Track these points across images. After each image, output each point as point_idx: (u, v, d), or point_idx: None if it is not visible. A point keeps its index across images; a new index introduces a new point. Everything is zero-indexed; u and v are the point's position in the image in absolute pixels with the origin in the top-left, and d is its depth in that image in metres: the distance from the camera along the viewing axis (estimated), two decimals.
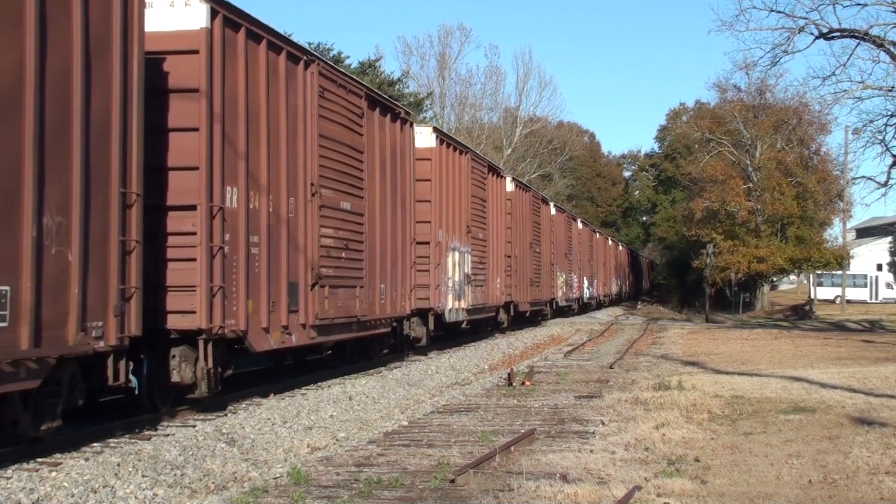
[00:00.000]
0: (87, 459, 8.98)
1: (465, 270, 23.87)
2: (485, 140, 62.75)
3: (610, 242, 65.55)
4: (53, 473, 8.37)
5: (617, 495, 7.66)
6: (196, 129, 11.51)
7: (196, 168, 11.49)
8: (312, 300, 14.35)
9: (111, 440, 10.15)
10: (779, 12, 48.01)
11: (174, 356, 11.45)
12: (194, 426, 11.06)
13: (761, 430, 11.10)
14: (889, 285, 72.09)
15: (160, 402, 11.64)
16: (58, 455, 9.30)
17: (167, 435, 10.46)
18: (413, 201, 19.76)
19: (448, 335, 25.76)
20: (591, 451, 9.85)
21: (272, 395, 13.80)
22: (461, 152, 24.20)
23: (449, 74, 65.93)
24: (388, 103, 18.60)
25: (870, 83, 36.11)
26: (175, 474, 8.66)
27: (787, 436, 10.73)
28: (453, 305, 22.72)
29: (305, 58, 14.37)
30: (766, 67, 53.42)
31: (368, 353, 18.63)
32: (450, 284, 22.38)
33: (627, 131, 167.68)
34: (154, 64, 11.10)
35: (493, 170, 28.41)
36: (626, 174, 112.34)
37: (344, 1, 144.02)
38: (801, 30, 35.59)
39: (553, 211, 39.74)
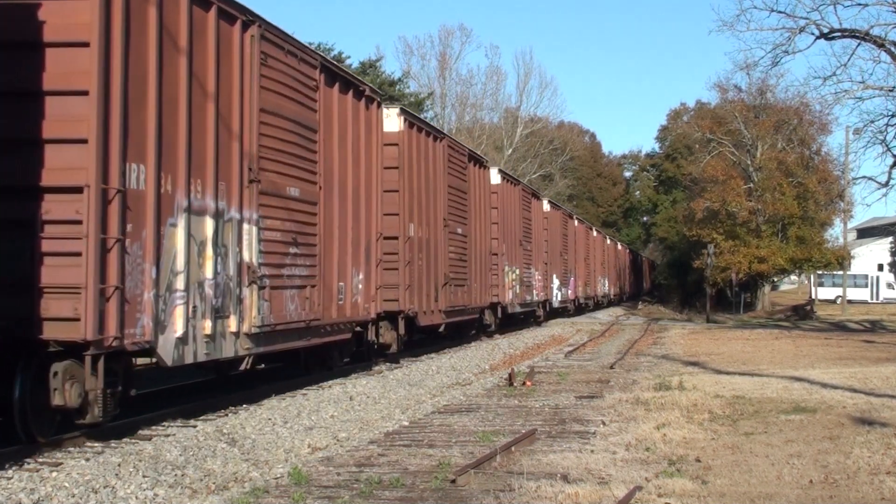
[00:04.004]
0: (87, 459, 8.98)
1: (245, 257, 12.25)
2: (485, 140, 62.77)
3: (595, 233, 56.12)
4: (54, 474, 8.37)
5: (618, 495, 7.66)
6: None
7: None
8: None
9: (112, 440, 10.15)
10: (779, 12, 48.07)
11: None
12: (195, 426, 11.06)
13: (762, 431, 11.10)
14: (890, 285, 72.14)
15: None
16: (58, 455, 9.30)
17: (168, 435, 10.46)
18: None
19: (227, 380, 14.70)
20: (592, 451, 9.85)
21: (273, 396, 13.79)
22: (226, 17, 11.87)
23: (449, 74, 66.02)
24: None
25: (870, 83, 36.20)
26: (176, 474, 8.66)
27: (788, 436, 10.72)
28: (197, 331, 11.04)
29: None
30: (766, 67, 53.45)
31: None
32: (180, 288, 10.64)
33: (628, 131, 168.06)
34: None
35: (343, 82, 15.95)
36: (627, 174, 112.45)
37: (344, 1, 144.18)
38: (801, 30, 35.63)
39: (496, 179, 28.50)
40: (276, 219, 13.20)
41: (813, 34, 36.05)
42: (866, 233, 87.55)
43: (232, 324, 11.94)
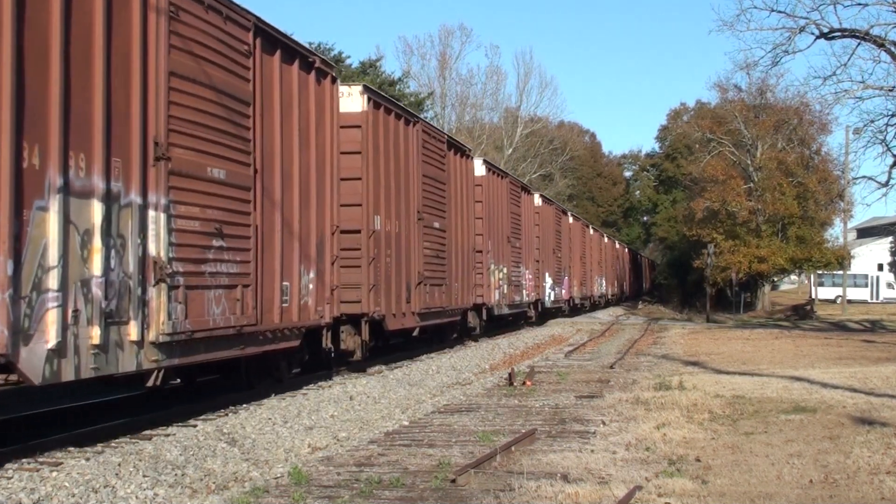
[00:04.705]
0: (87, 459, 8.98)
1: (150, 251, 10.15)
2: (485, 140, 62.78)
3: (592, 231, 53.87)
4: (54, 473, 8.37)
5: (618, 495, 7.66)
6: None
7: None
8: None
9: (112, 440, 10.16)
10: (779, 12, 48.24)
11: None
12: (195, 426, 11.06)
13: (762, 430, 11.10)
14: (890, 285, 72.19)
15: None
16: (58, 455, 9.31)
17: (168, 435, 10.47)
18: None
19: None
20: (592, 451, 9.85)
21: (273, 396, 13.79)
22: None
23: (450, 74, 66.07)
24: None
25: (870, 83, 36.22)
26: (176, 474, 8.66)
27: (788, 436, 10.72)
28: (80, 341, 9.06)
29: None
30: (766, 67, 53.77)
31: None
32: (53, 287, 8.67)
33: (628, 131, 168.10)
34: None
35: (286, 50, 13.76)
36: (627, 174, 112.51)
37: (344, 1, 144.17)
38: (801, 30, 35.64)
39: (481, 170, 26.35)
40: (195, 205, 10.98)
41: (813, 34, 36.11)
42: (866, 233, 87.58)
43: (132, 331, 9.76)
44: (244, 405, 12.87)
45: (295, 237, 13.91)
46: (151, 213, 10.17)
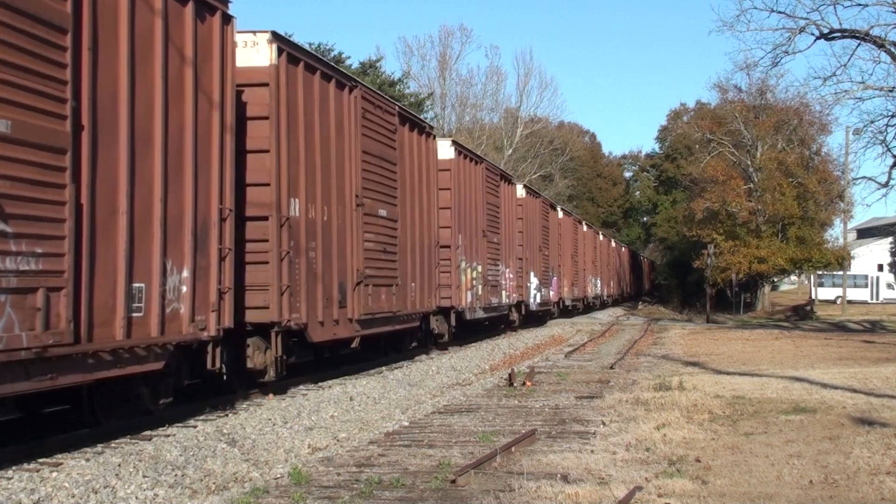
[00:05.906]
0: (87, 460, 8.99)
1: None
2: (485, 140, 62.78)
3: (586, 228, 50.68)
4: (54, 474, 8.38)
5: (618, 496, 7.66)
6: None
7: None
8: None
9: (112, 440, 10.16)
10: (779, 13, 48.36)
11: None
12: (195, 426, 11.07)
13: (762, 431, 11.10)
14: (890, 286, 72.22)
15: None
16: (59, 455, 9.31)
17: (168, 435, 10.47)
18: None
19: None
20: (592, 451, 9.85)
21: (272, 396, 13.79)
22: None
23: (450, 75, 65.99)
24: None
25: (870, 83, 36.20)
26: (176, 475, 8.67)
27: (788, 436, 10.73)
28: None
29: None
30: (766, 68, 53.83)
31: None
32: None
33: (628, 132, 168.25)
34: None
35: None
36: (627, 174, 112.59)
37: (344, 1, 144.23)
38: (801, 30, 35.66)
39: (448, 153, 22.87)
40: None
41: (813, 34, 36.12)
42: (866, 233, 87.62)
43: None
44: (244, 405, 12.88)
45: (155, 222, 10.42)
46: None
